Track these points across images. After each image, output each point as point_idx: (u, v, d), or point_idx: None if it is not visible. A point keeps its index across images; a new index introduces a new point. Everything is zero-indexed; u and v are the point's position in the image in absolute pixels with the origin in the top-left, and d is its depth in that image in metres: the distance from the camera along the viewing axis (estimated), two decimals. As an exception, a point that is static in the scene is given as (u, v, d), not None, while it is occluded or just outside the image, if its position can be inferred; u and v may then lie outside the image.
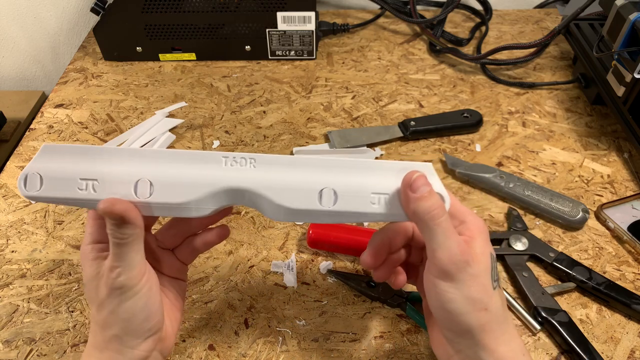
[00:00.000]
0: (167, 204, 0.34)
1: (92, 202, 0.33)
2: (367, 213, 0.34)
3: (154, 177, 0.34)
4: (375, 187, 0.34)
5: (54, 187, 0.34)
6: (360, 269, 0.50)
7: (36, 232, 0.54)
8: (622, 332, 0.45)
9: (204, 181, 0.34)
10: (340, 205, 0.34)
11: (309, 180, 0.34)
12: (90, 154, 0.34)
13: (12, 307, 0.47)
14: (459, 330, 0.33)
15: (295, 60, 0.77)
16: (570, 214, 0.53)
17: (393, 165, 0.35)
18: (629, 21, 0.56)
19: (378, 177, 0.34)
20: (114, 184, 0.34)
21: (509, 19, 0.86)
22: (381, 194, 0.34)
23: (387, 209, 0.34)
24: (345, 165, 0.35)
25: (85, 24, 0.89)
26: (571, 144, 0.63)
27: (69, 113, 0.69)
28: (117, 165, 0.34)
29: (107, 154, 0.34)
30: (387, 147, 0.63)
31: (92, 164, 0.34)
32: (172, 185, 0.34)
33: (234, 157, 0.35)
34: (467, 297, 0.32)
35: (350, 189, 0.34)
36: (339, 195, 0.34)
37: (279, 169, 0.34)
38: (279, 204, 0.34)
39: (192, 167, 0.34)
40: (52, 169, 0.34)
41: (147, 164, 0.34)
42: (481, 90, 0.71)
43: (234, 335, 0.45)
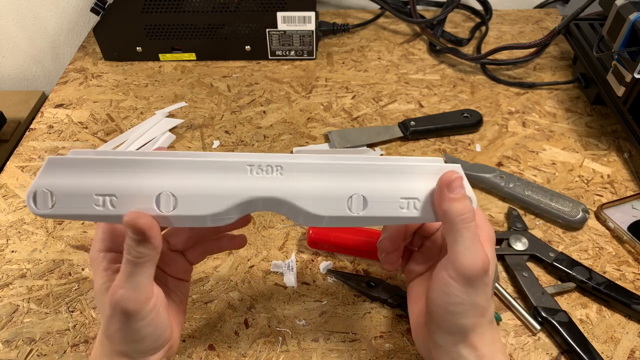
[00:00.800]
0: (192, 217, 0.33)
1: (112, 217, 0.32)
2: (397, 217, 0.34)
3: (176, 189, 0.32)
4: (404, 192, 0.34)
5: (68, 204, 0.32)
6: (360, 268, 0.50)
7: (36, 232, 0.54)
8: (622, 332, 0.45)
9: (229, 193, 0.33)
10: (370, 211, 0.34)
11: (338, 187, 0.34)
12: (103, 166, 0.32)
13: (12, 307, 0.47)
14: (451, 329, 0.34)
15: (295, 60, 0.77)
16: (570, 214, 0.53)
17: (424, 168, 0.34)
18: (629, 21, 0.56)
19: (407, 181, 0.34)
20: (134, 198, 0.32)
21: (509, 19, 0.86)
22: (410, 199, 0.34)
23: (416, 213, 0.34)
24: (375, 169, 0.34)
25: (85, 24, 0.89)
26: (571, 144, 0.63)
27: (69, 113, 0.69)
28: (136, 178, 0.32)
29: (122, 166, 0.32)
30: (387, 147, 0.63)
31: (107, 177, 0.32)
32: (197, 198, 0.32)
33: (260, 165, 0.33)
34: (474, 303, 0.33)
35: (379, 194, 0.34)
36: (369, 201, 0.34)
37: (306, 176, 0.33)
38: (308, 212, 0.33)
39: (217, 178, 0.33)
40: (63, 185, 0.32)
41: (168, 175, 0.32)
42: (481, 90, 0.71)
43: (234, 335, 0.45)
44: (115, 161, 0.32)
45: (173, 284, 0.39)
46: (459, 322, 0.33)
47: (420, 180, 0.34)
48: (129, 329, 0.32)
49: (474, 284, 0.32)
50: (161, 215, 0.32)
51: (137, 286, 0.32)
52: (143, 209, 0.32)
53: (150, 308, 0.32)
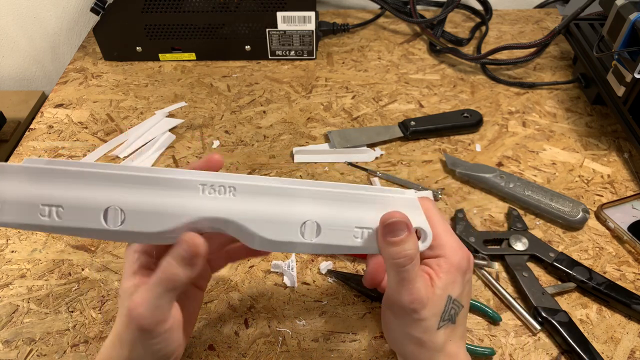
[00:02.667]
0: (141, 233, 0.32)
1: (57, 229, 0.31)
2: (349, 246, 0.34)
3: (125, 204, 0.32)
4: (359, 221, 0.34)
5: (14, 212, 0.31)
6: (360, 269, 0.50)
7: (36, 232, 0.54)
8: (622, 332, 0.45)
9: (179, 211, 0.32)
10: (323, 239, 0.33)
11: (292, 212, 0.33)
12: (53, 175, 0.31)
13: (12, 307, 0.47)
14: (396, 349, 0.37)
15: (295, 60, 0.77)
16: (570, 214, 0.52)
17: (380, 198, 0.34)
18: (629, 21, 0.56)
19: (362, 210, 0.34)
20: (81, 210, 0.31)
21: (509, 19, 0.86)
22: (364, 228, 0.34)
23: (369, 243, 0.34)
24: (330, 196, 0.34)
25: (85, 24, 0.89)
26: (571, 144, 0.63)
27: (69, 113, 0.69)
28: (84, 190, 0.31)
29: (71, 177, 0.32)
30: (387, 147, 0.63)
31: (55, 187, 0.31)
32: (145, 214, 0.32)
33: (212, 185, 0.32)
34: (406, 333, 0.34)
35: (333, 222, 0.33)
36: (322, 229, 0.33)
37: (259, 198, 0.33)
38: (260, 235, 0.33)
39: (167, 195, 0.32)
40: (11, 193, 0.31)
41: (117, 190, 0.32)
42: (481, 90, 0.71)
43: (234, 335, 0.45)
44: (65, 172, 0.32)
45: (190, 291, 0.38)
46: (397, 346, 0.36)
47: (378, 210, 0.34)
48: (141, 344, 0.32)
49: (403, 318, 0.34)
50: (107, 229, 0.31)
51: (158, 309, 0.32)
52: (90, 222, 0.31)
53: (165, 329, 0.32)
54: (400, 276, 0.32)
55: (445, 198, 0.57)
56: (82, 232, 0.32)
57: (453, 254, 0.34)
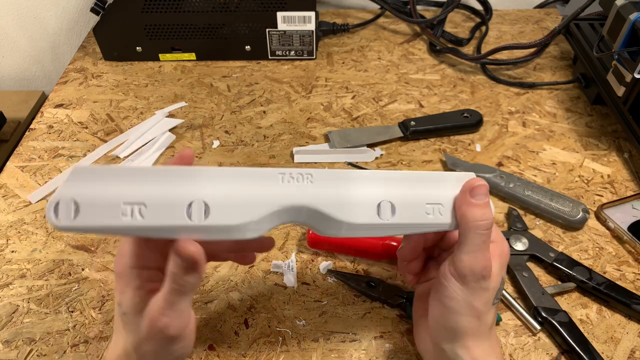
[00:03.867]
0: (225, 227, 0.31)
1: (139, 229, 0.30)
2: (423, 224, 0.35)
3: (208, 197, 0.31)
4: (429, 198, 0.35)
5: (93, 214, 0.30)
6: (360, 268, 0.50)
7: (36, 232, 0.54)
8: (622, 332, 0.45)
9: (262, 200, 0.32)
10: (398, 217, 0.34)
11: (367, 194, 0.34)
12: (132, 175, 0.31)
13: (12, 307, 0.47)
14: (447, 326, 0.35)
15: (295, 60, 0.77)
16: (570, 214, 0.52)
17: (443, 177, 0.35)
18: (629, 21, 0.56)
19: (430, 188, 0.35)
20: (165, 207, 0.30)
21: (509, 19, 0.86)
22: (435, 204, 0.35)
23: (441, 218, 0.35)
24: (399, 177, 0.35)
25: (85, 24, 0.89)
26: (571, 144, 0.63)
27: (69, 113, 0.69)
28: (165, 186, 0.31)
29: (151, 174, 0.31)
30: (387, 147, 0.63)
31: (136, 185, 0.31)
32: (229, 206, 0.31)
33: (291, 174, 0.33)
34: (468, 302, 0.34)
35: (406, 200, 0.34)
36: (397, 207, 0.34)
37: (336, 184, 0.34)
38: (340, 220, 0.33)
39: (249, 186, 0.32)
40: (90, 194, 0.30)
41: (199, 184, 0.31)
42: (481, 90, 0.71)
43: (234, 335, 0.45)
44: (144, 170, 0.31)
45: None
46: (454, 319, 0.35)
47: (446, 187, 0.35)
48: (165, 351, 0.33)
49: (471, 285, 0.34)
50: (192, 225, 0.31)
51: (180, 314, 0.32)
52: (174, 219, 0.30)
53: (188, 331, 0.33)
54: (479, 239, 0.33)
55: (445, 198, 0.57)
56: (165, 230, 0.31)
57: (502, 241, 0.36)
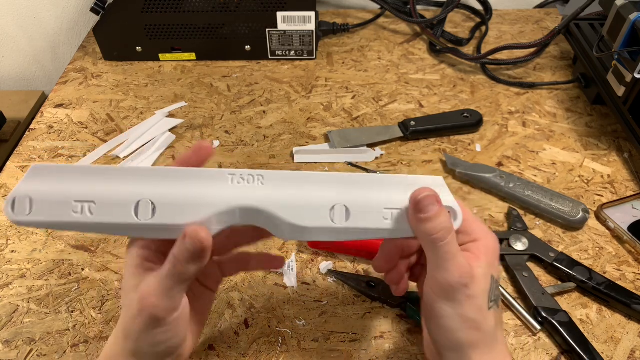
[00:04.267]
0: (171, 226, 0.32)
1: (88, 225, 0.31)
2: (379, 229, 0.33)
3: (155, 196, 0.32)
4: (387, 202, 0.33)
5: (45, 210, 0.31)
6: (360, 268, 0.50)
7: (36, 232, 0.54)
8: (623, 332, 0.45)
9: (209, 201, 0.32)
10: (353, 222, 0.33)
11: (320, 196, 0.33)
12: (85, 173, 0.32)
13: (12, 307, 0.47)
14: (449, 345, 0.34)
15: (295, 60, 0.77)
16: (570, 214, 0.52)
17: (403, 180, 0.34)
18: (629, 21, 0.56)
19: (389, 191, 0.34)
20: (113, 205, 0.32)
21: (509, 19, 0.86)
22: (393, 209, 0.33)
23: (400, 224, 0.33)
24: (356, 180, 0.34)
25: (85, 24, 0.89)
26: (571, 144, 0.63)
27: (69, 113, 0.69)
28: (115, 185, 0.32)
29: (102, 174, 0.32)
30: (387, 147, 0.63)
31: (87, 184, 0.32)
32: (176, 206, 0.32)
33: (241, 175, 0.33)
34: (461, 316, 0.32)
35: (362, 204, 0.33)
36: (352, 211, 0.33)
37: (287, 185, 0.33)
38: (290, 222, 0.32)
39: (197, 186, 0.33)
40: (44, 191, 0.31)
41: (148, 183, 0.32)
42: (481, 90, 0.71)
43: (234, 335, 0.45)
44: (95, 169, 0.32)
45: (199, 291, 0.38)
46: (452, 337, 0.33)
47: (407, 191, 0.33)
48: (150, 335, 0.32)
49: (455, 298, 0.32)
50: (139, 224, 0.31)
51: (171, 299, 0.32)
52: (122, 216, 0.31)
53: (174, 318, 0.32)
54: (442, 251, 0.32)
55: (445, 198, 0.57)
56: (113, 228, 0.32)
57: (486, 237, 0.34)
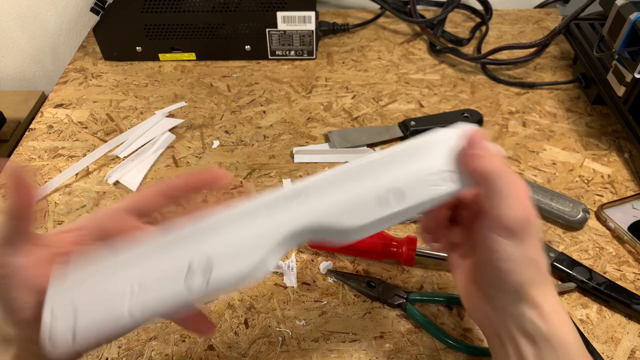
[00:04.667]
0: (233, 277, 0.29)
1: (134, 323, 0.28)
2: (438, 196, 0.31)
3: (209, 252, 0.29)
4: (431, 168, 0.31)
5: (91, 321, 0.28)
6: (360, 269, 0.50)
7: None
8: (623, 333, 0.45)
9: (266, 234, 0.30)
10: (409, 201, 0.31)
11: (367, 188, 0.31)
12: (113, 263, 0.30)
13: (11, 307, 0.47)
14: (508, 288, 0.32)
15: (295, 60, 0.77)
16: (570, 214, 0.52)
17: (434, 140, 0.32)
18: (629, 21, 0.56)
19: (428, 158, 0.32)
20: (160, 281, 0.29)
21: (509, 19, 0.86)
22: (442, 172, 0.31)
23: (450, 186, 0.31)
24: (391, 159, 0.32)
25: (85, 24, 0.89)
26: (571, 144, 0.63)
27: (69, 113, 0.69)
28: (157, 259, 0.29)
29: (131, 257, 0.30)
30: (387, 147, 0.63)
31: (123, 270, 0.29)
32: (232, 256, 0.29)
33: (285, 195, 0.31)
34: (526, 257, 0.31)
35: (411, 179, 0.31)
36: (405, 191, 0.31)
37: (328, 191, 0.31)
38: (348, 227, 0.30)
39: (245, 226, 0.30)
40: (82, 308, 0.28)
41: (194, 240, 0.30)
42: (481, 90, 0.71)
43: (234, 335, 0.45)
44: (129, 256, 0.30)
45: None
46: (515, 279, 0.31)
47: (439, 150, 0.32)
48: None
49: (522, 236, 0.30)
50: (194, 292, 0.28)
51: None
52: (175, 291, 0.28)
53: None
54: (504, 185, 0.30)
55: (446, 198, 0.57)
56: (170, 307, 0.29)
57: (517, 180, 0.32)
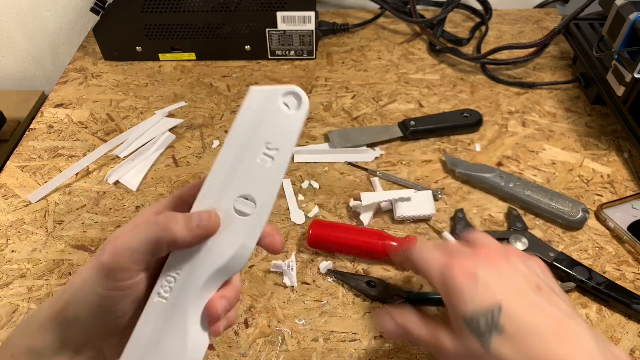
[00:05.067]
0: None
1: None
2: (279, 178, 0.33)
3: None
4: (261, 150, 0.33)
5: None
6: (360, 268, 0.50)
7: (36, 232, 0.54)
8: (622, 332, 0.45)
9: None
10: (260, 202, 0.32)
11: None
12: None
13: (12, 307, 0.47)
14: None
15: (295, 60, 0.77)
16: (570, 214, 0.52)
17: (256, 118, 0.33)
18: (629, 21, 0.56)
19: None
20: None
21: (509, 19, 0.86)
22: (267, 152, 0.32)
23: (279, 157, 0.33)
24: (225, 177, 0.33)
25: (85, 24, 0.89)
26: (571, 144, 0.63)
27: (69, 113, 0.69)
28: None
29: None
30: (387, 147, 0.63)
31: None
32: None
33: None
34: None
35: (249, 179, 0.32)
36: (251, 196, 0.32)
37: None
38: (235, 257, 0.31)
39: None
40: None
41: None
42: (481, 90, 0.71)
43: (234, 335, 0.45)
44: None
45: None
46: None
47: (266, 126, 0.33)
48: (95, 286, 0.29)
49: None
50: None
51: (133, 251, 0.29)
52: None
53: (129, 283, 0.30)
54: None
55: (445, 198, 0.57)
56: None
57: (433, 275, 0.33)
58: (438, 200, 0.56)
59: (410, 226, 0.54)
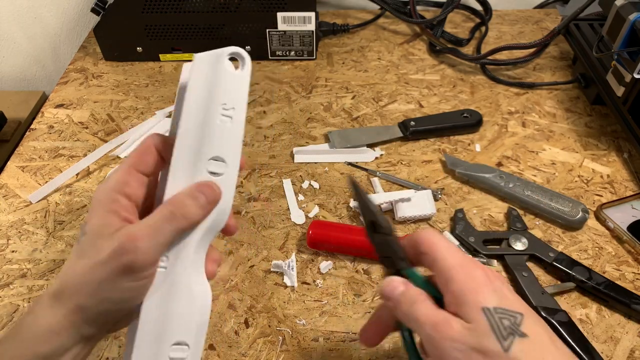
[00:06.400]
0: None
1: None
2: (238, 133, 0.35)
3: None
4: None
5: None
6: (360, 269, 0.50)
7: (36, 232, 0.54)
8: (622, 332, 0.45)
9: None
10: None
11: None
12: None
13: (12, 307, 0.48)
14: None
15: (295, 60, 0.77)
16: (570, 214, 0.53)
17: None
18: (628, 21, 0.56)
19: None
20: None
21: (509, 19, 0.86)
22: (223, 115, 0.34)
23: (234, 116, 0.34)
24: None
25: (85, 24, 0.90)
26: (571, 144, 0.63)
27: (70, 113, 0.69)
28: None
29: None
30: (387, 147, 0.63)
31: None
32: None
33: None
34: None
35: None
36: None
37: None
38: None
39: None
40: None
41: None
42: (481, 91, 0.71)
43: (234, 335, 0.45)
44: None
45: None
46: None
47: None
48: (114, 284, 0.29)
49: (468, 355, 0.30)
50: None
51: (159, 246, 0.30)
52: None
53: (149, 273, 0.31)
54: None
55: (445, 198, 0.57)
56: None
57: (458, 273, 0.31)
58: (438, 200, 0.56)
59: (411, 226, 0.54)
